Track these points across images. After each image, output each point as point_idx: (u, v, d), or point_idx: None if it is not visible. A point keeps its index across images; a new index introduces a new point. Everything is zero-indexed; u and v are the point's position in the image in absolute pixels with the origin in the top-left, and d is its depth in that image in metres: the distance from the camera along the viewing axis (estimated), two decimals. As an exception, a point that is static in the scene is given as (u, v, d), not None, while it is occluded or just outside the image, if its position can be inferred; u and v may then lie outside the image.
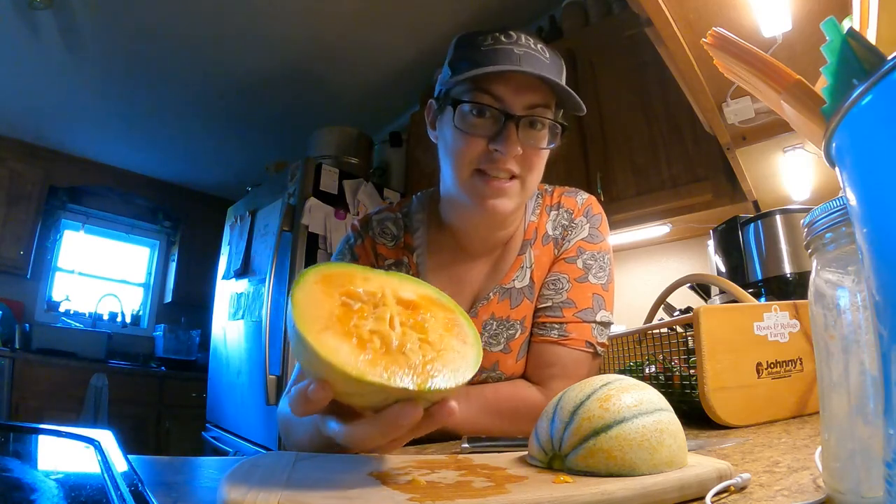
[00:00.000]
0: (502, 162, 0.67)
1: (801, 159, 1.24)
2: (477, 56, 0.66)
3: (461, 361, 0.38)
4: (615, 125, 1.98)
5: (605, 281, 0.78)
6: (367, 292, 0.40)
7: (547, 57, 0.68)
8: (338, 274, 0.40)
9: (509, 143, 0.66)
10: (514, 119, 0.66)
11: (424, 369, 0.35)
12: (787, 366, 0.62)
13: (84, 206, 4.15)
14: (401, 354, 0.35)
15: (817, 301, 0.32)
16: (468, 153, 0.68)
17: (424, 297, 0.42)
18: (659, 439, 0.35)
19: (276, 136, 3.71)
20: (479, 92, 0.67)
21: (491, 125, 0.67)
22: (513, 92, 0.66)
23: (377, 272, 0.42)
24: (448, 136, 0.71)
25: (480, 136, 0.67)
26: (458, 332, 0.40)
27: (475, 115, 0.67)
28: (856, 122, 0.21)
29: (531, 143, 0.68)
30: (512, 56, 0.65)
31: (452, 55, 0.72)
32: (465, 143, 0.68)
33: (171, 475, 0.43)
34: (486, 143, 0.67)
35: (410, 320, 0.39)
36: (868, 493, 0.26)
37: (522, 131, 0.67)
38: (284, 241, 2.32)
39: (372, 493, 0.31)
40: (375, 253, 0.81)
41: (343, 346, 0.34)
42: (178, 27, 2.65)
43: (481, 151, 0.68)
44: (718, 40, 0.39)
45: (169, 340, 4.05)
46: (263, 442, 2.24)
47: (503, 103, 0.66)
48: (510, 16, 2.65)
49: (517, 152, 0.66)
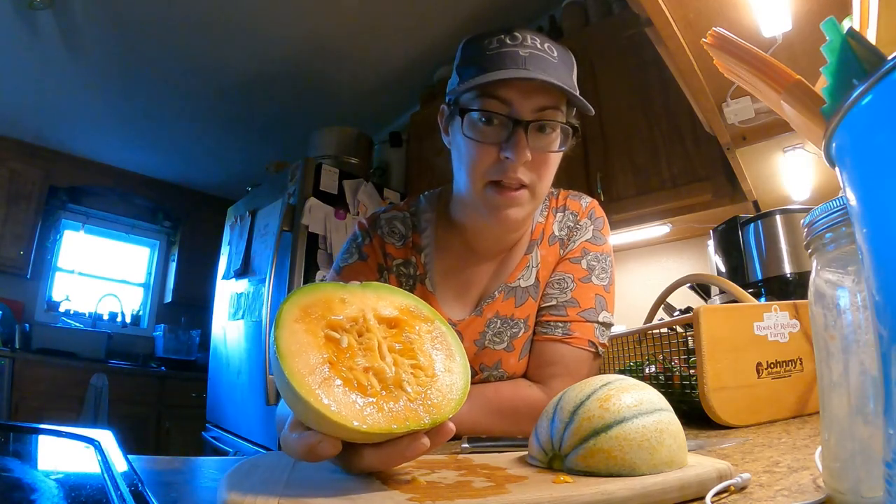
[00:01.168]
0: (512, 169, 0.67)
1: (801, 159, 1.24)
2: (483, 61, 0.66)
3: (455, 377, 0.38)
4: (615, 125, 1.98)
5: (607, 283, 0.78)
6: (349, 318, 0.39)
7: (555, 56, 0.67)
8: (315, 303, 0.38)
9: (519, 149, 0.65)
10: (523, 124, 0.65)
11: (426, 402, 0.35)
12: (787, 366, 0.62)
13: (84, 206, 4.14)
14: (399, 390, 0.35)
15: (817, 301, 0.32)
16: (480, 164, 0.68)
17: (404, 310, 0.42)
18: (659, 439, 0.35)
19: (276, 136, 3.71)
20: (487, 98, 0.66)
21: (500, 131, 0.67)
22: (521, 96, 0.66)
23: (351, 289, 0.41)
24: (460, 143, 0.71)
25: (490, 143, 0.67)
26: (443, 346, 0.41)
27: (484, 123, 0.67)
28: (856, 122, 0.21)
29: (541, 147, 0.68)
30: (517, 59, 0.64)
31: (459, 60, 0.72)
32: (477, 152, 0.68)
33: (171, 475, 0.43)
34: (497, 151, 0.67)
35: (397, 344, 0.39)
36: (868, 493, 0.26)
37: (532, 136, 0.67)
38: (284, 241, 2.31)
39: (372, 493, 0.31)
40: (384, 252, 0.81)
41: (344, 399, 0.33)
42: (179, 27, 2.65)
43: (493, 161, 0.68)
44: (718, 40, 0.39)
45: (169, 340, 4.05)
46: (263, 442, 2.24)
47: (511, 107, 0.66)
48: (510, 16, 2.65)
49: (527, 158, 0.66)
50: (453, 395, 0.37)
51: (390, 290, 0.43)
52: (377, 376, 0.36)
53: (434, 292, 0.79)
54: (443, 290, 0.80)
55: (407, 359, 0.38)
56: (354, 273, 0.79)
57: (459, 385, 0.38)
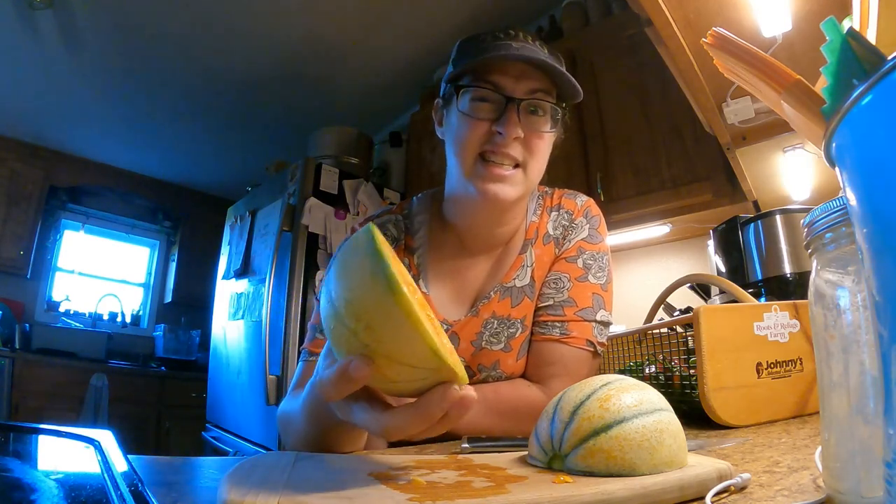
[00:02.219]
0: (503, 145, 0.69)
1: (801, 159, 1.24)
2: (477, 52, 0.70)
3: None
4: (615, 125, 1.98)
5: (605, 281, 0.78)
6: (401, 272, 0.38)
7: (546, 53, 0.71)
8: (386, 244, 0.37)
9: (510, 125, 0.68)
10: (516, 102, 0.68)
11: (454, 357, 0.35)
12: (787, 366, 0.62)
13: (84, 206, 4.15)
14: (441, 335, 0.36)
15: (817, 301, 0.32)
16: (472, 136, 0.71)
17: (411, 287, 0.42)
18: (659, 439, 0.35)
19: (276, 136, 3.71)
20: (480, 82, 0.70)
21: (493, 109, 0.70)
22: (513, 79, 0.69)
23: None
24: (453, 123, 0.74)
25: (483, 119, 0.70)
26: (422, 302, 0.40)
27: (478, 101, 0.70)
28: (856, 122, 0.21)
29: (532, 127, 0.71)
30: (510, 48, 0.68)
31: (455, 55, 0.75)
32: (469, 126, 0.71)
33: (171, 475, 0.43)
34: (490, 126, 0.70)
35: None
36: (868, 493, 0.26)
37: (523, 116, 0.69)
38: (284, 241, 2.31)
39: (372, 493, 0.31)
40: None
41: (423, 319, 0.31)
42: (178, 27, 2.65)
43: (484, 133, 0.70)
44: (718, 40, 0.39)
45: (169, 340, 4.05)
46: (263, 442, 2.24)
47: (504, 90, 0.69)
48: (510, 16, 2.65)
49: (518, 134, 0.69)
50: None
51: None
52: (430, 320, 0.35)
53: (428, 292, 0.79)
54: (437, 290, 0.80)
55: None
56: None
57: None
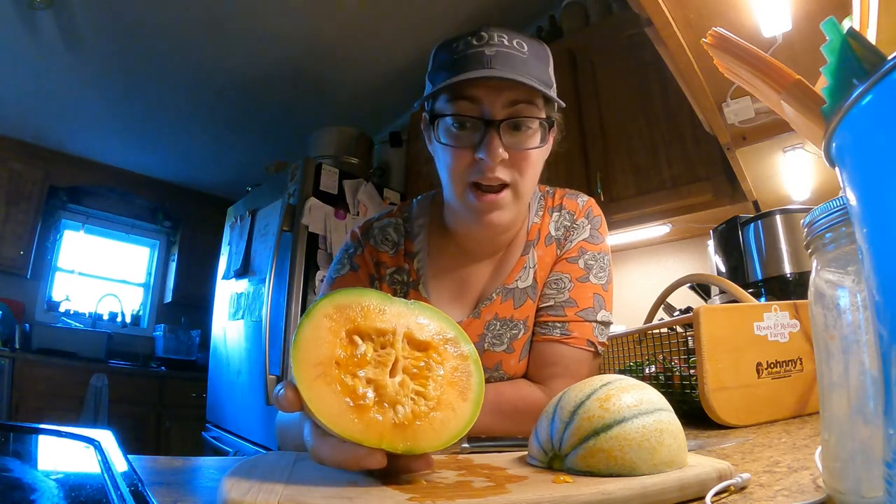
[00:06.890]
0: (490, 170, 0.66)
1: (801, 159, 1.24)
2: (449, 65, 0.66)
3: (452, 421, 0.37)
4: (615, 125, 1.98)
5: (605, 281, 0.78)
6: (378, 329, 0.39)
7: (525, 51, 0.67)
8: (351, 305, 0.39)
9: (492, 149, 0.65)
10: (495, 124, 0.65)
11: (410, 429, 0.35)
12: (787, 366, 0.62)
13: (84, 206, 4.14)
14: (391, 410, 0.35)
15: (817, 301, 0.32)
16: (457, 167, 0.68)
17: (442, 338, 0.41)
18: (659, 439, 0.35)
19: (275, 136, 3.71)
20: (457, 100, 0.66)
21: (473, 134, 0.67)
22: (489, 93, 0.65)
23: (396, 303, 0.41)
24: (438, 150, 0.72)
25: (465, 147, 0.67)
26: (461, 385, 0.40)
27: (457, 128, 0.67)
28: (856, 122, 0.21)
29: (518, 143, 0.67)
30: (483, 59, 0.64)
31: (431, 66, 0.72)
32: (453, 157, 0.68)
33: (171, 475, 0.43)
34: (472, 153, 0.67)
35: (414, 368, 0.39)
36: (868, 493, 0.26)
37: (505, 135, 0.66)
38: (284, 241, 2.31)
39: (372, 492, 0.31)
40: (376, 262, 0.81)
41: (330, 396, 0.34)
42: (178, 27, 2.65)
43: (469, 163, 0.67)
44: (718, 40, 0.39)
45: (169, 340, 4.04)
46: (263, 442, 2.24)
47: (482, 106, 0.65)
48: (510, 16, 2.65)
49: (502, 156, 0.65)
50: (442, 434, 0.36)
51: (438, 315, 0.43)
52: (377, 391, 0.36)
53: (429, 297, 0.79)
54: (437, 293, 0.79)
55: (416, 384, 0.38)
56: (346, 285, 0.79)
57: (452, 427, 0.37)
